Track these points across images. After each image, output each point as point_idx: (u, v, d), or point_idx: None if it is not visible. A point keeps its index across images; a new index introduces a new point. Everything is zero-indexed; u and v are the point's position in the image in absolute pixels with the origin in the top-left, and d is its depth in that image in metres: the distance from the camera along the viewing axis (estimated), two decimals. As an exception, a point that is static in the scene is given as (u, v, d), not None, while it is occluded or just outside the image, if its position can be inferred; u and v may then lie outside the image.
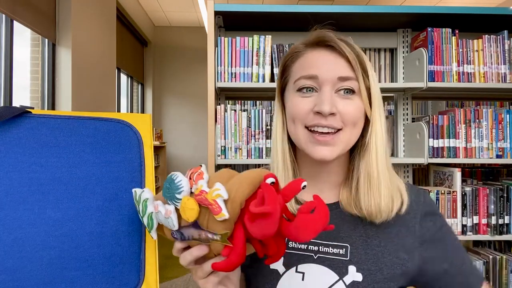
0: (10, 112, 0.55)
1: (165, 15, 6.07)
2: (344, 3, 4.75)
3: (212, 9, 1.61)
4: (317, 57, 0.59)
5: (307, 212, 0.44)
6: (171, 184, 0.48)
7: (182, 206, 0.47)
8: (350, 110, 0.57)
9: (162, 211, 0.49)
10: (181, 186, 0.48)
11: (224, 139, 1.63)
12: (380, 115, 0.60)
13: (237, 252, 0.45)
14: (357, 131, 0.60)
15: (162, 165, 5.98)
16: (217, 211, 0.44)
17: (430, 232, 0.62)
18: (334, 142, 0.57)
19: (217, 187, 0.45)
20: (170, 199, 0.48)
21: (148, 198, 0.51)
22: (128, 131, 0.61)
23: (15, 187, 0.53)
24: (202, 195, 0.45)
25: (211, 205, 0.44)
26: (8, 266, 0.50)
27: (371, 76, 0.59)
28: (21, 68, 2.88)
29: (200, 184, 0.47)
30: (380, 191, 0.58)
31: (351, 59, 0.57)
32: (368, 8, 1.63)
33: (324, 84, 0.57)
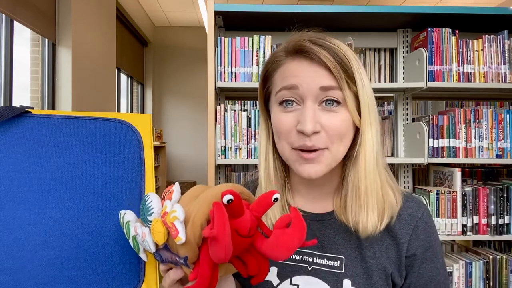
0: (10, 112, 0.55)
1: (165, 15, 6.07)
2: (344, 3, 4.74)
3: (212, 9, 1.61)
4: (296, 67, 0.55)
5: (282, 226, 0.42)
6: (143, 205, 0.47)
7: (152, 229, 0.45)
8: (336, 125, 0.53)
9: (139, 233, 0.47)
10: (151, 207, 0.46)
11: (224, 139, 1.63)
12: (371, 123, 0.55)
13: (203, 276, 0.41)
14: (345, 144, 0.56)
15: (162, 165, 5.98)
16: (175, 235, 0.41)
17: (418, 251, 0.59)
18: (320, 160, 0.54)
19: (174, 209, 0.42)
20: (144, 221, 0.47)
21: (130, 221, 0.50)
22: (128, 131, 0.61)
23: (15, 187, 0.53)
24: (164, 217, 0.43)
25: (170, 228, 0.42)
26: (8, 266, 0.50)
27: (358, 81, 0.53)
28: (21, 68, 2.88)
29: (165, 205, 0.44)
30: (367, 206, 0.56)
31: (332, 67, 0.52)
32: (368, 8, 1.64)
33: (306, 97, 0.53)
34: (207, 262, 0.42)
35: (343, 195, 0.59)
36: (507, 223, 1.63)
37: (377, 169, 0.57)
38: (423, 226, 0.60)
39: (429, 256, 0.59)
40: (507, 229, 1.63)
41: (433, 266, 0.59)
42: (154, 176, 0.62)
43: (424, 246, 0.59)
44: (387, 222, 0.57)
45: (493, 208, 1.63)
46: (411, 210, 0.61)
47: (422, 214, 0.61)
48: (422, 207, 0.62)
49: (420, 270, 0.59)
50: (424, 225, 0.60)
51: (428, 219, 0.61)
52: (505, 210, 1.63)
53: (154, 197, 0.47)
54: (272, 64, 0.59)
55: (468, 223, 1.63)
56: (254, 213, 0.42)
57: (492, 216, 1.62)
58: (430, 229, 0.61)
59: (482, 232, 1.63)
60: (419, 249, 0.59)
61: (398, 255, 0.59)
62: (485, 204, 1.64)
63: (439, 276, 0.60)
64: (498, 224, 1.62)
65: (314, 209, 0.63)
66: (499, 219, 1.62)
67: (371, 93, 0.56)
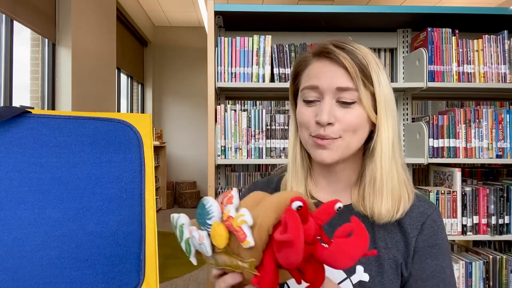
0: (10, 112, 0.55)
1: (165, 15, 6.07)
2: (344, 3, 4.75)
3: (212, 9, 1.61)
4: (319, 68, 0.62)
5: (343, 236, 0.42)
6: (202, 209, 0.48)
7: (212, 232, 0.46)
8: (349, 119, 0.59)
9: (196, 237, 0.48)
10: (211, 211, 0.47)
11: (224, 139, 1.63)
12: (387, 119, 0.61)
13: (267, 281, 0.43)
14: (359, 137, 0.61)
15: (162, 165, 5.98)
16: (242, 238, 0.42)
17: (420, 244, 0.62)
18: (332, 147, 0.60)
19: (242, 213, 0.43)
20: (202, 225, 0.48)
21: (184, 224, 0.51)
22: (128, 131, 0.61)
23: (15, 187, 0.53)
24: (229, 221, 0.44)
25: (237, 232, 0.43)
26: (8, 266, 0.50)
27: (376, 82, 0.59)
28: (21, 68, 2.88)
29: (227, 209, 0.45)
30: (382, 194, 0.60)
31: (349, 69, 0.58)
32: (368, 8, 1.64)
33: (325, 94, 0.60)
34: (271, 266, 0.43)
35: (362, 187, 0.64)
36: (507, 223, 1.63)
37: (394, 161, 0.61)
38: (430, 223, 0.63)
39: (434, 253, 0.62)
40: (507, 229, 1.63)
41: (437, 263, 0.61)
42: (154, 176, 0.62)
43: (428, 241, 0.62)
44: (402, 212, 0.61)
45: (493, 208, 1.63)
46: (422, 209, 0.64)
47: (432, 213, 0.64)
48: (433, 208, 0.65)
49: (423, 265, 0.61)
50: (432, 222, 0.63)
51: (437, 218, 0.64)
52: (505, 210, 1.63)
53: (213, 202, 0.47)
54: (301, 64, 0.66)
55: (468, 223, 1.63)
56: (317, 221, 0.44)
57: (492, 216, 1.62)
58: (438, 228, 0.63)
59: (482, 232, 1.63)
60: (422, 243, 0.62)
61: (407, 248, 0.62)
62: (485, 204, 1.64)
63: (444, 275, 0.61)
64: (498, 224, 1.62)
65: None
66: (499, 219, 1.62)
67: (388, 92, 0.61)
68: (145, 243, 0.56)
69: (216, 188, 1.68)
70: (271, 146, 1.65)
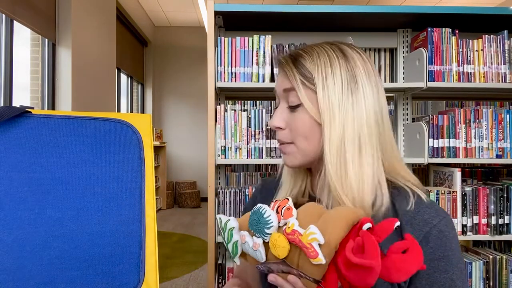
0: (10, 112, 0.55)
1: (165, 15, 6.07)
2: (344, 3, 4.74)
3: (212, 9, 1.60)
4: (278, 76, 0.67)
5: (397, 252, 0.43)
6: (259, 218, 0.50)
7: (273, 242, 0.48)
8: (296, 124, 0.61)
9: (249, 243, 0.51)
10: (270, 221, 0.49)
11: (224, 139, 1.63)
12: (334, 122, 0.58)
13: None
14: (312, 141, 0.61)
15: (162, 165, 5.98)
16: (314, 256, 0.44)
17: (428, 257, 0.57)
18: (288, 152, 0.64)
19: (312, 231, 0.44)
20: (258, 232, 0.50)
21: (234, 227, 0.54)
22: (128, 131, 0.61)
23: (15, 187, 0.53)
24: (295, 236, 0.46)
25: (307, 249, 0.44)
26: (8, 266, 0.50)
27: (319, 82, 0.59)
28: (21, 68, 2.88)
29: (291, 223, 0.47)
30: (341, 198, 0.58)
31: (287, 72, 0.61)
32: (368, 8, 1.63)
33: (279, 98, 0.65)
34: (334, 282, 0.45)
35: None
36: (507, 223, 1.63)
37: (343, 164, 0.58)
38: (436, 234, 0.58)
39: (442, 266, 0.57)
40: (507, 229, 1.63)
41: (446, 277, 0.57)
42: (154, 176, 0.62)
43: (435, 254, 0.57)
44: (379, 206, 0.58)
45: (493, 208, 1.63)
46: (427, 216, 0.59)
47: (439, 222, 0.59)
48: (441, 216, 0.59)
49: (431, 279, 0.57)
50: (438, 233, 0.58)
51: (445, 228, 0.59)
52: (505, 210, 1.63)
53: (272, 211, 0.50)
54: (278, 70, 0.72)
55: (468, 223, 1.63)
56: (377, 238, 0.44)
57: (492, 216, 1.63)
58: (445, 238, 0.58)
59: (482, 232, 1.63)
60: (427, 256, 0.57)
61: None
62: (485, 204, 1.64)
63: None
64: (498, 224, 1.62)
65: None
66: (499, 219, 1.62)
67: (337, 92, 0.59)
68: (145, 243, 0.56)
69: (216, 188, 1.68)
70: (271, 146, 1.65)
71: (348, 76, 0.59)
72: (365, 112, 0.59)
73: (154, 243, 0.57)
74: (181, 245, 4.07)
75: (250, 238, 0.51)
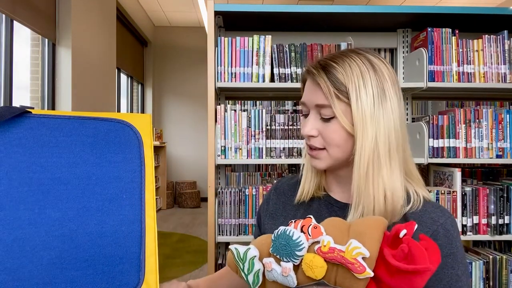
0: (10, 112, 0.55)
1: (165, 15, 6.07)
2: (344, 3, 4.74)
3: (212, 9, 1.61)
4: (307, 86, 0.68)
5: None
6: (288, 241, 0.48)
7: (308, 264, 0.47)
8: (327, 133, 0.64)
9: (277, 269, 0.49)
10: (301, 243, 0.48)
11: (224, 139, 1.63)
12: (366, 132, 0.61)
13: None
14: (344, 149, 0.64)
15: (162, 165, 5.98)
16: (361, 270, 0.44)
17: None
18: (319, 157, 0.66)
19: (356, 245, 0.45)
20: (287, 256, 0.48)
21: (256, 256, 0.52)
22: (128, 131, 0.61)
23: (15, 187, 0.53)
24: (335, 254, 0.45)
25: (352, 264, 0.44)
26: (8, 266, 0.50)
27: (353, 96, 0.61)
28: (21, 68, 2.88)
29: (327, 240, 0.47)
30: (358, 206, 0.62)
31: (323, 88, 0.63)
32: (368, 8, 1.64)
33: (310, 109, 0.67)
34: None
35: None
36: (507, 223, 1.63)
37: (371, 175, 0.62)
38: (443, 232, 0.62)
39: (449, 262, 0.61)
40: (507, 229, 1.63)
41: (453, 273, 0.61)
42: (154, 176, 0.62)
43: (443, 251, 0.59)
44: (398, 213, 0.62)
45: (493, 208, 1.63)
46: (434, 215, 0.64)
47: (445, 221, 0.63)
48: (446, 215, 0.64)
49: (439, 275, 0.60)
50: (445, 231, 0.62)
51: (451, 227, 0.63)
52: (505, 210, 1.63)
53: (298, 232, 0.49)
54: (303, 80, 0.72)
55: (468, 223, 1.63)
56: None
57: (492, 216, 1.63)
58: (451, 237, 0.62)
59: (482, 232, 1.63)
60: None
61: None
62: (485, 204, 1.64)
63: (461, 283, 0.61)
64: (498, 224, 1.62)
65: (346, 199, 0.71)
66: (499, 219, 1.62)
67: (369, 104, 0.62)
68: (145, 243, 0.56)
69: (216, 188, 1.68)
70: (271, 146, 1.65)
71: (378, 88, 0.63)
72: (393, 122, 0.63)
73: (154, 243, 0.57)
74: (181, 245, 4.07)
75: (276, 265, 0.49)
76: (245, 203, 1.65)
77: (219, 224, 1.64)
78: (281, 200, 0.80)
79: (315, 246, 0.48)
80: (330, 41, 1.74)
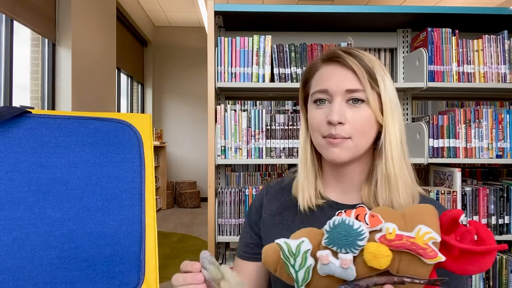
0: (10, 112, 0.55)
1: (165, 15, 6.07)
2: (344, 3, 4.75)
3: (212, 9, 1.60)
4: (329, 71, 0.65)
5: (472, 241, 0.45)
6: (349, 231, 0.46)
7: (373, 253, 0.44)
8: (358, 119, 0.62)
9: (335, 262, 0.46)
10: (363, 232, 0.45)
11: (224, 139, 1.63)
12: (394, 119, 0.63)
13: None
14: (368, 138, 0.64)
15: (162, 165, 5.98)
16: (433, 255, 0.43)
17: None
18: (343, 146, 0.63)
19: (426, 230, 0.44)
20: (348, 247, 0.46)
21: (309, 249, 0.48)
22: (128, 131, 0.61)
23: (15, 187, 0.53)
24: (403, 240, 0.44)
25: (423, 249, 0.43)
26: (8, 266, 0.50)
27: (381, 84, 0.63)
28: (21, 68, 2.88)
29: (392, 227, 0.45)
30: (398, 189, 0.62)
31: (357, 71, 0.62)
32: (368, 8, 1.64)
33: (335, 96, 0.64)
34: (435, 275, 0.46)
35: (373, 185, 0.65)
36: (507, 223, 1.63)
37: (404, 160, 0.64)
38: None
39: None
40: (507, 229, 1.63)
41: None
42: (154, 176, 0.62)
43: None
44: None
45: (493, 208, 1.63)
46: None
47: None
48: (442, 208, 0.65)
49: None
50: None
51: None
52: (505, 210, 1.63)
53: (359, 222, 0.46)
54: (311, 70, 0.69)
55: (468, 223, 1.63)
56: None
57: (492, 216, 1.63)
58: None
59: (482, 232, 1.63)
60: None
61: None
62: (485, 204, 1.64)
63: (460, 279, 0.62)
64: (498, 224, 1.62)
65: (345, 200, 0.70)
66: (499, 219, 1.62)
67: (393, 94, 0.65)
68: (145, 243, 0.56)
69: (216, 188, 1.68)
70: (271, 146, 1.65)
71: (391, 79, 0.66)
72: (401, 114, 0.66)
73: (154, 243, 0.57)
74: (181, 245, 4.07)
75: (333, 257, 0.46)
76: (245, 203, 1.65)
77: (219, 224, 1.64)
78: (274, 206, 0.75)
79: (374, 235, 0.46)
80: (330, 41, 1.74)
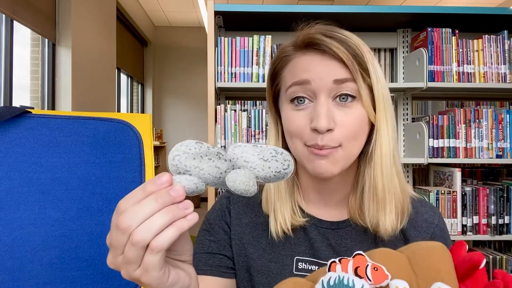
0: (10, 112, 0.55)
1: (165, 15, 6.07)
2: (344, 3, 4.74)
3: (212, 9, 1.61)
4: (307, 61, 0.51)
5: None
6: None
7: None
8: (350, 122, 0.49)
9: None
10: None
11: (224, 139, 1.63)
12: (387, 118, 0.52)
13: None
14: (360, 143, 0.52)
15: (162, 165, 5.98)
16: None
17: None
18: (332, 158, 0.50)
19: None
20: None
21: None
22: (128, 131, 0.61)
23: (15, 187, 0.53)
24: None
25: None
26: (8, 266, 0.50)
27: (373, 73, 0.50)
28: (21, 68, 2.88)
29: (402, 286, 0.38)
30: (385, 204, 0.53)
31: (345, 59, 0.48)
32: (368, 8, 1.63)
33: (319, 92, 0.49)
34: None
35: (359, 196, 0.55)
36: (507, 223, 1.63)
37: (395, 167, 0.53)
38: (439, 233, 0.59)
39: None
40: (507, 229, 1.63)
41: None
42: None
43: None
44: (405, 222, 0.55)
45: (493, 208, 1.63)
46: (426, 216, 0.59)
47: (439, 220, 0.59)
48: (437, 213, 0.60)
49: None
50: (441, 232, 0.59)
51: (443, 225, 0.60)
52: (505, 210, 1.63)
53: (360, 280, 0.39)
54: (281, 60, 0.55)
55: (468, 223, 1.63)
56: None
57: (492, 216, 1.62)
58: (445, 234, 0.59)
59: (482, 232, 1.63)
60: None
61: None
62: (485, 204, 1.64)
63: None
64: (498, 224, 1.62)
65: (329, 216, 0.58)
66: (499, 219, 1.62)
67: (386, 86, 0.52)
68: (145, 243, 0.56)
69: (216, 188, 1.68)
70: (271, 146, 1.65)
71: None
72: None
73: (154, 243, 0.57)
74: (181, 245, 4.06)
75: None
76: (245, 203, 1.65)
77: (219, 224, 1.64)
78: (244, 221, 0.60)
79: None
80: (330, 41, 1.74)
